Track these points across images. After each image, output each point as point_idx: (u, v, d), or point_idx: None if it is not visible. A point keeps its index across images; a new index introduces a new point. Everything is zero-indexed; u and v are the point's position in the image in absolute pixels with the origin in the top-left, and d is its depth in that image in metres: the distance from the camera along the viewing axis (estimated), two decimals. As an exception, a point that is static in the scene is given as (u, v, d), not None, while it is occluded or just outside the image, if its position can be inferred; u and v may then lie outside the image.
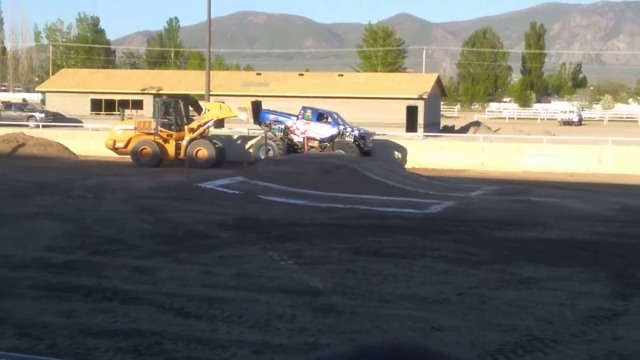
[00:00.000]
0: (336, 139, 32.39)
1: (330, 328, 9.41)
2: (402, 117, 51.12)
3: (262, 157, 31.85)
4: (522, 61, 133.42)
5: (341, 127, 32.87)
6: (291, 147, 32.85)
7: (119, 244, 14.89)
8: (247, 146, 35.51)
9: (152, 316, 9.84)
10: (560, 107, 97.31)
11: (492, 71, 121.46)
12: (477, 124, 64.55)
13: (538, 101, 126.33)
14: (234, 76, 66.67)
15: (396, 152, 35.30)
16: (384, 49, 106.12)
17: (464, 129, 58.85)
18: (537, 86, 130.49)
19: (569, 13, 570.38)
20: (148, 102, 57.67)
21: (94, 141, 38.78)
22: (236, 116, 33.04)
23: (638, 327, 9.69)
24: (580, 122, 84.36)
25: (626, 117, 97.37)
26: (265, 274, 12.32)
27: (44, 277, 11.93)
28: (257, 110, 32.95)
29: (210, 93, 46.26)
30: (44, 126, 45.05)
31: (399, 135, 40.54)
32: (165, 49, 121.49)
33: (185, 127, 32.85)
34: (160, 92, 57.40)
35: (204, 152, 31.98)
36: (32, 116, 53.27)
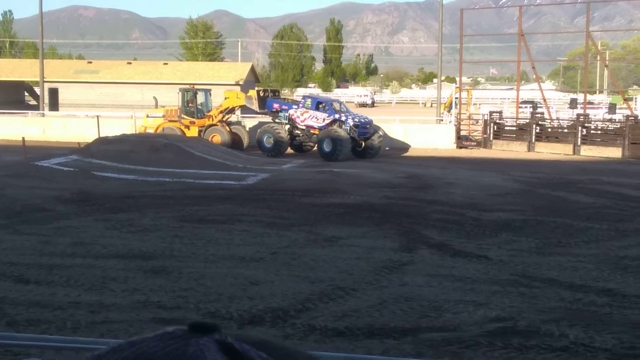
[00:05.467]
0: (333, 127, 28.67)
1: (160, 287, 9.27)
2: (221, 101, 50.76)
3: (266, 144, 29.28)
4: (323, 52, 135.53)
5: (336, 116, 29.13)
6: (293, 135, 29.94)
7: (-41, 220, 13.98)
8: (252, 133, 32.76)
9: (-7, 284, 9.34)
10: (356, 92, 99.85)
11: (298, 61, 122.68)
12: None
13: (338, 87, 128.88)
14: (67, 64, 63.68)
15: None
16: (204, 40, 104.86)
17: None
18: (336, 74, 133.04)
19: (362, 11, 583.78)
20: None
21: None
22: (245, 105, 31.21)
23: (420, 274, 10.13)
24: (373, 104, 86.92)
25: (410, 100, 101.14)
26: (100, 241, 11.95)
27: None
28: (262, 99, 30.66)
29: (45, 80, 44.21)
30: None
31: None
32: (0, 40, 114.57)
33: (206, 114, 31.42)
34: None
35: (217, 137, 30.37)
36: None
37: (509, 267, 10.70)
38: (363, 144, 29.24)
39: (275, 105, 30.44)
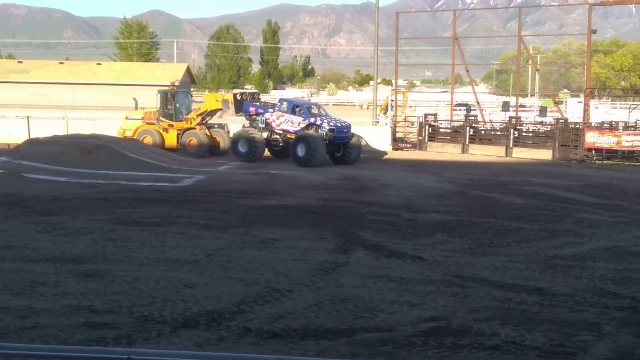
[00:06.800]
0: (308, 131, 27.19)
1: (92, 291, 9.12)
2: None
3: (241, 149, 27.67)
4: (260, 54, 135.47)
5: (312, 119, 27.48)
6: (270, 140, 28.55)
7: None
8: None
9: None
10: (293, 94, 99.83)
11: (235, 62, 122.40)
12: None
13: (275, 88, 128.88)
14: (-4, 64, 62.25)
15: None
16: (138, 41, 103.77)
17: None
18: (273, 75, 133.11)
19: (299, 13, 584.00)
20: None
21: None
22: (222, 108, 29.88)
23: (356, 276, 10.20)
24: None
25: (347, 102, 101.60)
26: (30, 245, 11.69)
27: None
28: (239, 102, 29.35)
29: (-27, 79, 43.11)
30: None
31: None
32: None
33: (184, 117, 30.22)
34: None
35: (194, 141, 29.41)
36: None
37: (442, 267, 10.85)
38: (342, 149, 27.87)
39: (252, 109, 29.15)
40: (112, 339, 7.42)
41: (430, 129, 34.72)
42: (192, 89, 56.11)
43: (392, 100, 41.00)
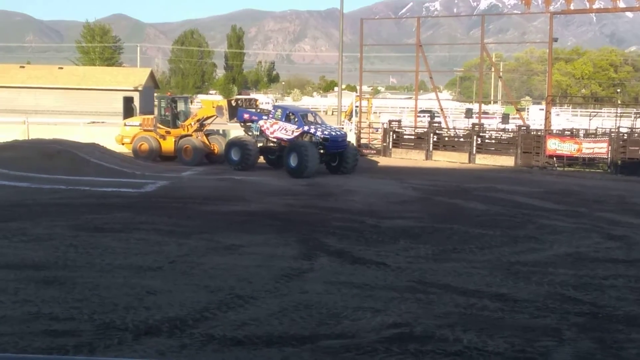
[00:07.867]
0: (301, 139, 26.39)
1: (52, 298, 8.99)
2: (119, 107, 49.88)
3: (233, 157, 27.11)
4: (225, 59, 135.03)
5: (306, 128, 26.57)
6: (265, 148, 27.86)
7: None
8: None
9: None
10: (258, 99, 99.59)
11: (199, 67, 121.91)
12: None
13: (239, 94, 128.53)
14: (-45, 67, 61.22)
15: None
16: (101, 45, 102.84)
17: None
18: (238, 81, 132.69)
19: (264, 19, 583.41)
20: None
21: None
22: (215, 115, 29.25)
23: (320, 282, 10.19)
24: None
25: (311, 108, 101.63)
26: (-11, 252, 11.51)
27: None
28: (234, 108, 28.61)
29: None
30: None
31: (117, 123, 39.38)
32: None
33: (181, 124, 29.70)
34: None
35: (189, 148, 28.93)
36: None
37: (406, 273, 10.89)
38: (337, 158, 26.93)
39: (246, 116, 28.27)
40: (72, 347, 7.33)
41: (394, 135, 34.90)
42: (156, 94, 55.74)
43: (356, 107, 41.15)
